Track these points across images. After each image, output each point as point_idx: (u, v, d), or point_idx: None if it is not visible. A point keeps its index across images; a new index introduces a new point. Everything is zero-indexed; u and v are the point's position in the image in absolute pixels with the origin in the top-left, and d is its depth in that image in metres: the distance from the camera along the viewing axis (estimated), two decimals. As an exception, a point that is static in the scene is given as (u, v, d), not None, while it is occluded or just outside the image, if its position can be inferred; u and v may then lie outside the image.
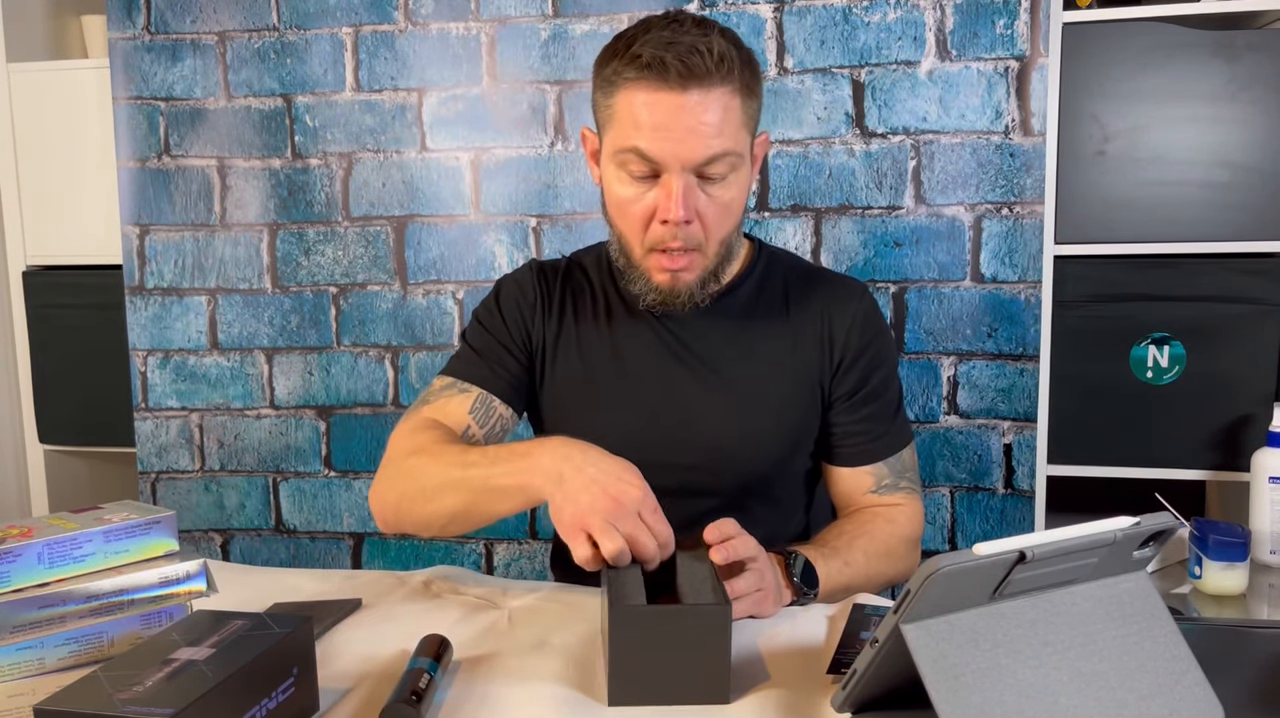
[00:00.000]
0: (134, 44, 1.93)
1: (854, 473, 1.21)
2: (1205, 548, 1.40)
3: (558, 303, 1.23)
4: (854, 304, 1.21)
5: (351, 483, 1.98)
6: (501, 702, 0.85)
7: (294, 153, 1.92)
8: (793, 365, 1.19)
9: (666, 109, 1.03)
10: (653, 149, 1.05)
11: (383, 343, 1.94)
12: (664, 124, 1.04)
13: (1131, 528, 0.73)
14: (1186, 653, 0.76)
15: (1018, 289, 1.73)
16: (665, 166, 1.06)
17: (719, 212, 1.09)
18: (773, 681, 0.87)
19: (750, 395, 1.18)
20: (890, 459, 1.21)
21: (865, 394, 1.20)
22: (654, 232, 1.09)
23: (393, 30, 1.87)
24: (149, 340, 1.99)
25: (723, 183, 1.08)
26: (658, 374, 1.20)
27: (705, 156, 1.05)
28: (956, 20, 1.70)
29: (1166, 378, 1.72)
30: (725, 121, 1.05)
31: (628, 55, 1.05)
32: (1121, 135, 1.69)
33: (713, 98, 1.04)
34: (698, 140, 1.04)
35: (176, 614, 0.89)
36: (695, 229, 1.08)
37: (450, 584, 1.14)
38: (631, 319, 1.21)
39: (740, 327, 1.20)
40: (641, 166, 1.07)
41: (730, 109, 1.05)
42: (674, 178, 1.06)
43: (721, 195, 1.08)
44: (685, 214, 1.06)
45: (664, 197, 1.06)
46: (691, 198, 1.06)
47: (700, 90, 1.03)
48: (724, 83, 1.04)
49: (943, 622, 0.70)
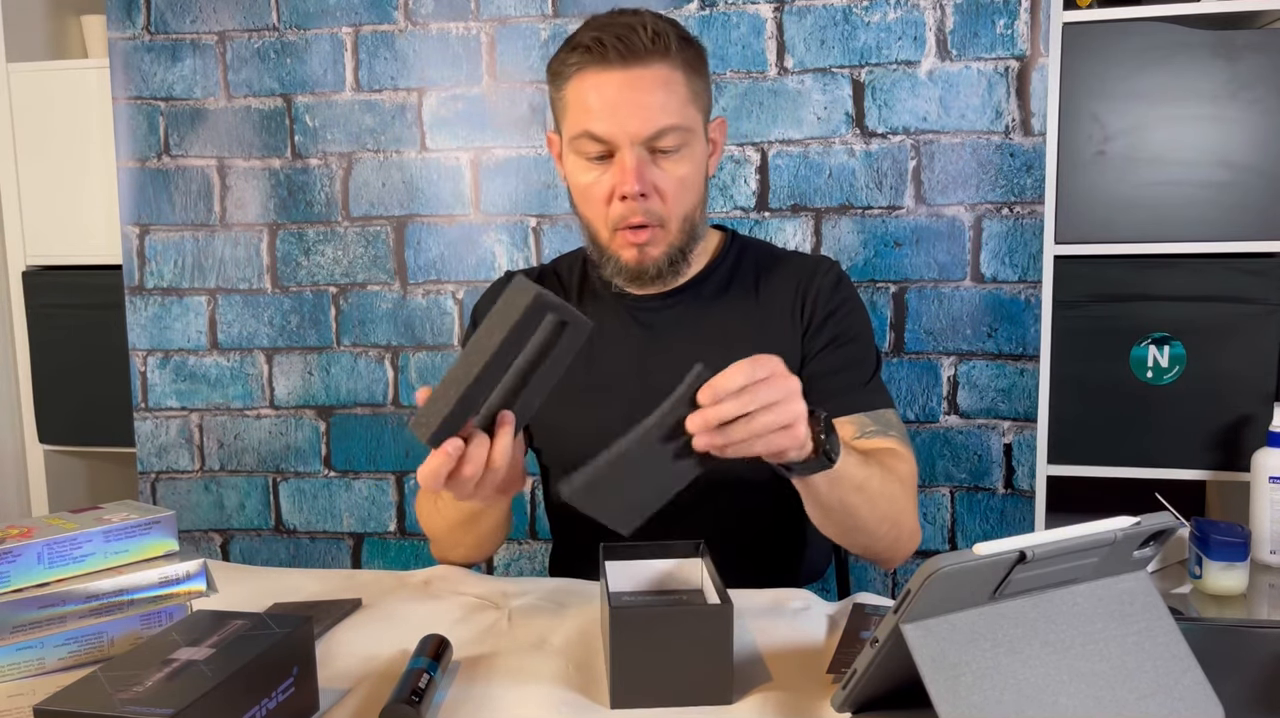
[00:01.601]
0: (134, 44, 1.93)
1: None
2: (1205, 548, 1.40)
3: None
4: (821, 274, 1.22)
5: (351, 483, 1.98)
6: (501, 702, 0.85)
7: (294, 153, 1.92)
8: (766, 346, 1.17)
9: (611, 88, 1.09)
10: (602, 128, 1.09)
11: (383, 343, 1.94)
12: (610, 103, 1.09)
13: (1131, 528, 0.73)
14: (1186, 653, 0.76)
15: (1018, 289, 1.73)
16: (616, 143, 1.10)
17: (675, 185, 1.12)
18: (773, 681, 0.87)
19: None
20: (871, 413, 1.16)
21: (837, 346, 1.19)
22: (615, 210, 1.13)
23: (393, 30, 1.87)
24: (149, 340, 1.99)
25: (676, 156, 1.12)
26: (633, 365, 1.21)
27: (653, 129, 1.09)
28: (956, 20, 1.70)
29: (1166, 378, 1.72)
30: (669, 96, 1.09)
31: (570, 44, 1.12)
32: (1121, 135, 1.69)
33: (654, 73, 1.09)
34: (644, 114, 1.08)
35: (176, 614, 0.89)
36: (655, 203, 1.12)
37: (450, 584, 1.14)
38: (606, 313, 1.23)
39: (713, 313, 1.22)
40: (595, 148, 1.11)
41: (673, 83, 1.10)
42: (626, 153, 1.10)
43: (675, 169, 1.12)
44: (640, 186, 1.10)
45: (619, 172, 1.11)
46: (645, 171, 1.10)
47: (640, 66, 1.08)
48: (663, 59, 1.09)
49: (943, 622, 0.70)
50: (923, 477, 1.79)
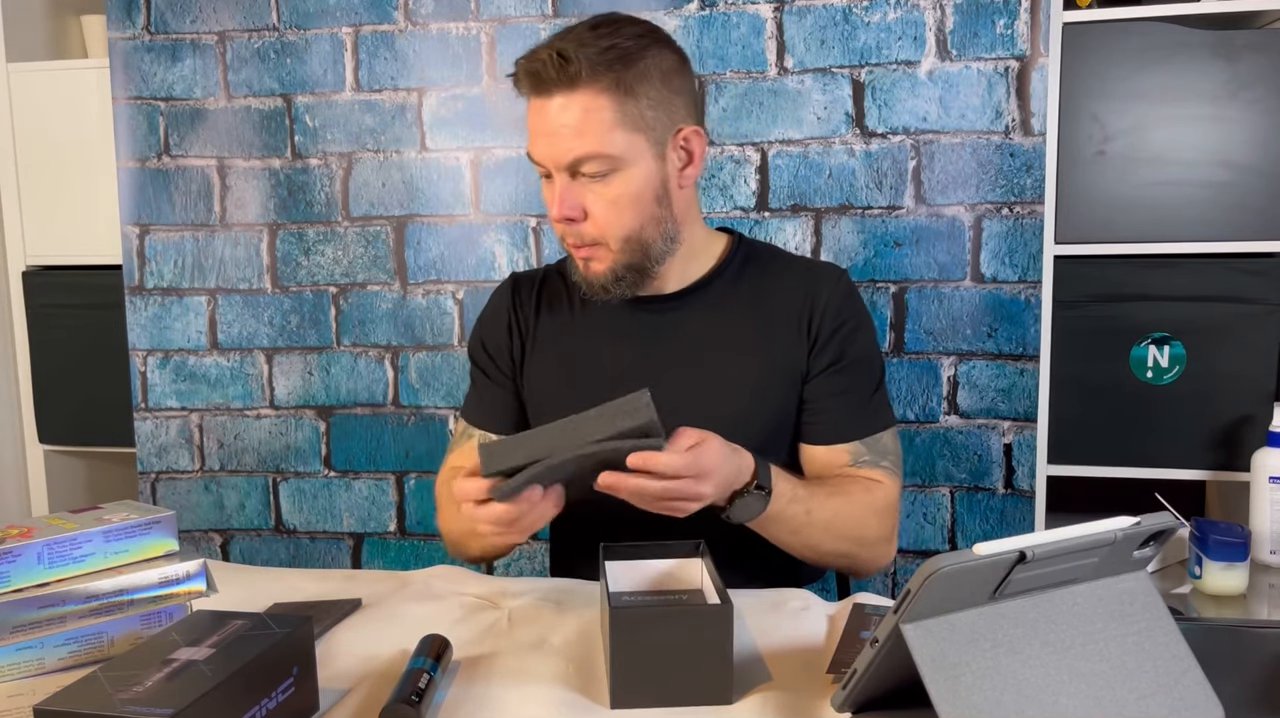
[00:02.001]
0: (134, 44, 1.93)
1: (829, 451, 1.19)
2: (1205, 548, 1.40)
3: (527, 308, 1.28)
4: (830, 285, 1.22)
5: (351, 483, 1.98)
6: (501, 702, 0.85)
7: (294, 153, 1.92)
8: (770, 352, 1.20)
9: (536, 115, 1.11)
10: (534, 152, 1.13)
11: (383, 343, 1.94)
12: (536, 129, 1.11)
13: (1131, 528, 0.73)
14: (1186, 653, 0.76)
15: (1018, 289, 1.73)
16: (546, 168, 1.13)
17: (605, 208, 1.13)
18: (773, 681, 0.87)
19: (728, 383, 1.19)
20: (868, 439, 1.19)
21: (840, 368, 1.20)
22: (556, 229, 1.17)
23: (393, 30, 1.87)
24: (149, 340, 1.99)
25: (603, 181, 1.12)
26: (636, 367, 1.21)
27: (569, 159, 1.10)
28: (956, 20, 1.70)
29: (1166, 378, 1.72)
30: (586, 124, 1.09)
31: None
32: (1121, 135, 1.69)
33: (574, 101, 1.09)
34: (559, 142, 1.10)
35: (176, 614, 0.89)
36: (586, 226, 1.13)
37: (450, 584, 1.14)
38: (610, 315, 1.23)
39: (717, 317, 1.22)
40: (541, 169, 1.14)
41: (592, 110, 1.08)
42: (556, 177, 1.12)
43: (605, 193, 1.12)
44: (562, 211, 1.12)
45: (548, 196, 1.15)
46: (571, 196, 1.12)
47: (562, 94, 1.09)
48: (584, 86, 1.08)
49: (943, 622, 0.70)
50: (923, 477, 1.79)
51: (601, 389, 1.21)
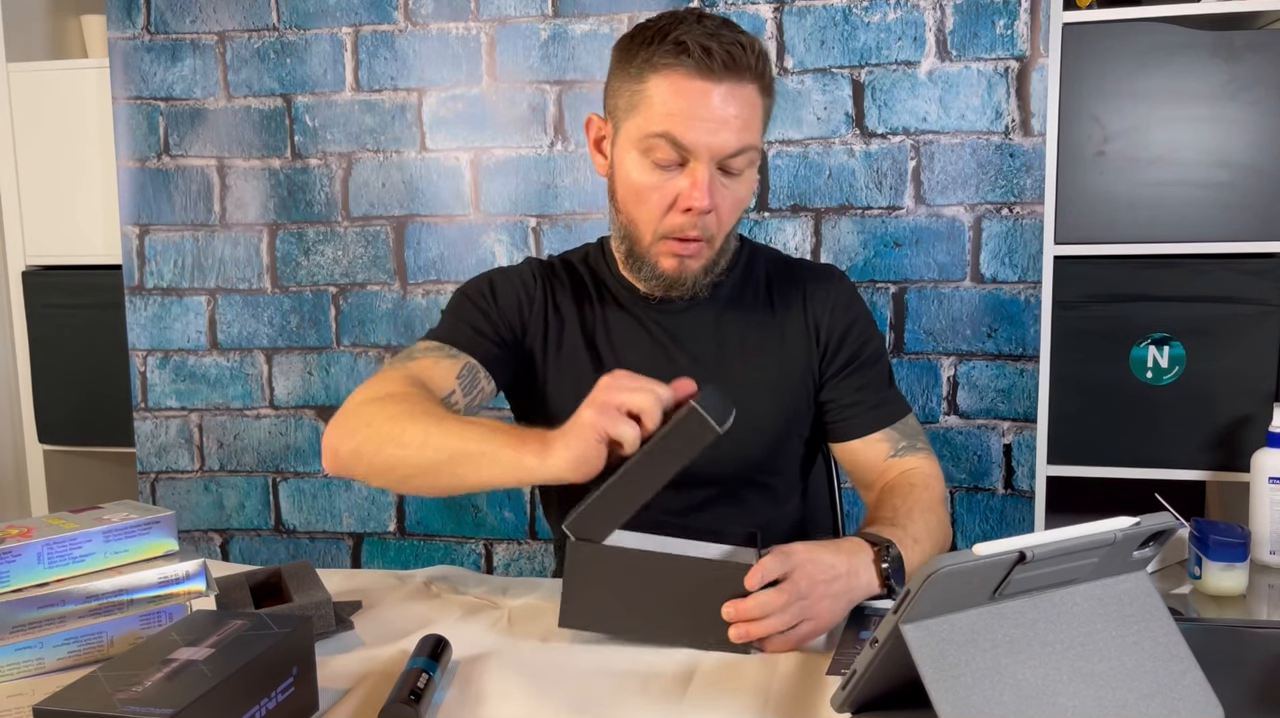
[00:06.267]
0: (134, 44, 1.93)
1: (867, 443, 1.21)
2: (1205, 548, 1.40)
3: (554, 300, 1.25)
4: (832, 288, 1.24)
5: (351, 483, 1.97)
6: (501, 702, 0.85)
7: (294, 153, 1.92)
8: (780, 353, 1.21)
9: (704, 98, 1.05)
10: (686, 136, 1.06)
11: (382, 343, 1.94)
12: (700, 113, 1.05)
13: (1131, 528, 0.73)
14: (1186, 653, 0.76)
15: (1018, 289, 1.73)
16: (695, 155, 1.07)
17: (733, 205, 1.12)
18: (773, 681, 0.87)
19: (741, 383, 1.19)
20: (898, 424, 1.22)
21: (858, 364, 1.22)
22: (672, 219, 1.10)
23: (393, 30, 1.87)
24: (149, 340, 1.99)
25: (740, 177, 1.11)
26: (650, 367, 1.19)
27: (734, 149, 1.07)
28: (956, 20, 1.70)
29: (1166, 378, 1.72)
30: (752, 117, 1.08)
31: (668, 42, 1.06)
32: (1121, 135, 1.69)
33: (745, 92, 1.07)
34: (730, 132, 1.06)
35: (176, 614, 0.89)
36: (711, 219, 1.11)
37: (450, 584, 1.14)
38: (623, 313, 1.22)
39: (728, 317, 1.22)
40: (669, 153, 1.08)
41: (756, 106, 1.09)
42: (701, 167, 1.07)
43: (737, 189, 1.11)
44: (709, 200, 1.08)
45: (690, 185, 1.08)
46: (715, 189, 1.09)
47: (736, 83, 1.06)
48: (756, 80, 1.08)
49: (943, 622, 0.70)
50: (923, 477, 1.79)
51: None
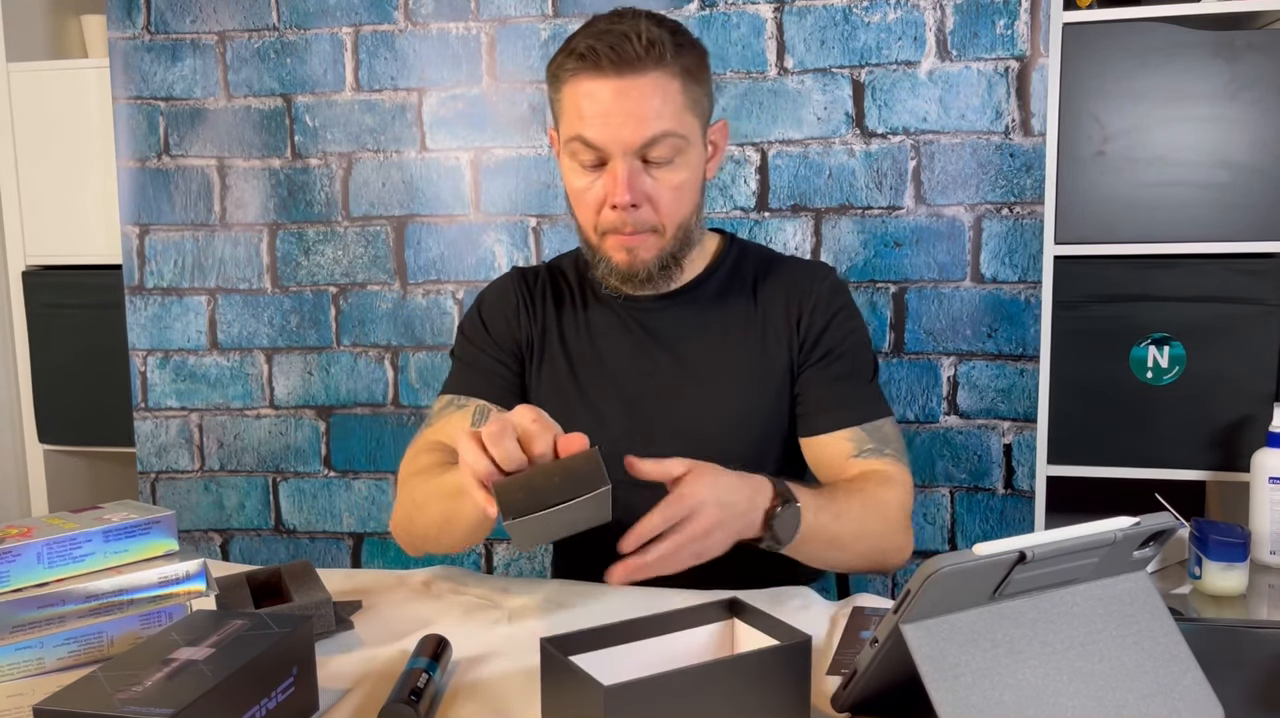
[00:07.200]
0: (134, 44, 1.93)
1: (831, 439, 1.18)
2: (1205, 548, 1.40)
3: (539, 303, 1.27)
4: (818, 282, 1.23)
5: (351, 483, 1.98)
6: (501, 702, 0.85)
7: (294, 153, 1.92)
8: (763, 350, 1.21)
9: (604, 96, 1.08)
10: (594, 136, 1.09)
11: (382, 343, 1.94)
12: (602, 111, 1.08)
13: (1131, 528, 0.73)
14: (1186, 653, 0.76)
15: (1018, 289, 1.73)
16: (608, 152, 1.10)
17: (669, 194, 1.13)
18: (773, 681, 0.87)
19: (723, 381, 1.20)
20: (868, 426, 1.18)
21: (833, 359, 1.20)
22: (605, 217, 1.13)
23: (393, 30, 1.87)
24: (149, 340, 1.99)
25: (669, 166, 1.12)
26: (634, 366, 1.22)
27: (644, 139, 1.09)
28: (956, 20, 1.70)
29: (1166, 378, 1.72)
30: (664, 104, 1.09)
31: (567, 49, 1.11)
32: (1121, 135, 1.69)
33: (648, 81, 1.08)
34: (636, 124, 1.08)
35: (176, 614, 0.89)
36: (646, 213, 1.12)
37: (450, 584, 1.14)
38: (607, 313, 1.24)
39: (711, 316, 1.22)
40: (589, 154, 1.11)
41: (668, 92, 1.09)
42: (618, 163, 1.10)
43: (669, 178, 1.12)
44: (630, 197, 1.10)
45: (610, 182, 1.11)
46: (637, 182, 1.10)
47: (634, 75, 1.08)
48: (658, 67, 1.08)
49: (943, 622, 0.70)
50: (922, 477, 1.78)
51: (604, 388, 1.22)
